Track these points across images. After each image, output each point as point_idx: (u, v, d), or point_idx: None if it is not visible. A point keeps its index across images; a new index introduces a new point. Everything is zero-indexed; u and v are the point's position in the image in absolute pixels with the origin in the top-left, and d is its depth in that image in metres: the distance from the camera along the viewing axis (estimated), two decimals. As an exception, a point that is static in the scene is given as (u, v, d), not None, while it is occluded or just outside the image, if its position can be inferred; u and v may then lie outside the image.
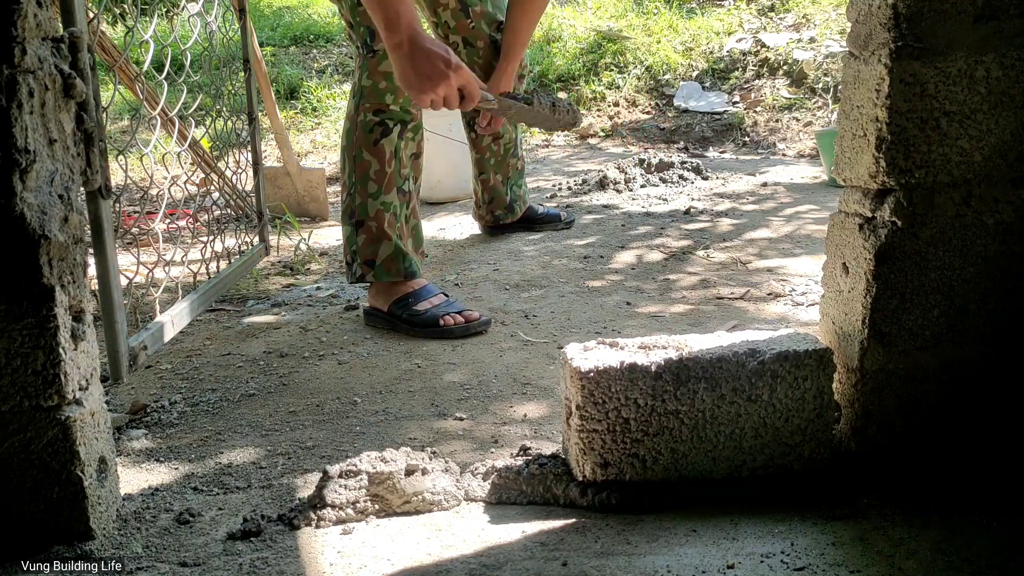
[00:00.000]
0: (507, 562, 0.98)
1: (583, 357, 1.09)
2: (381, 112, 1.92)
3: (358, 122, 1.92)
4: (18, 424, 0.97)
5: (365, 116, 1.92)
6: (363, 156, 1.92)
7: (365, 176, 1.91)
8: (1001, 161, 1.06)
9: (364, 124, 1.92)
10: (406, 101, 1.91)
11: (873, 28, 1.05)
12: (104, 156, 1.30)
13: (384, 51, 1.79)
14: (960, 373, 1.11)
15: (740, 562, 0.96)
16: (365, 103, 1.91)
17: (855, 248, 1.11)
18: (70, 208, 1.00)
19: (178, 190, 3.65)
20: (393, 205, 1.94)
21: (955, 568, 0.93)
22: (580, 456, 1.09)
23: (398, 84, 1.60)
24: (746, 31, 5.50)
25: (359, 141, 1.92)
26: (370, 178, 1.91)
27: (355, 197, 1.93)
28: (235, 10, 2.51)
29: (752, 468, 1.10)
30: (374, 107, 1.91)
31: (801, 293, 2.15)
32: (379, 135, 1.92)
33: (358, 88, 1.94)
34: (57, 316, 0.96)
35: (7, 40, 0.89)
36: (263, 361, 1.83)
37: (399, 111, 1.92)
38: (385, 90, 1.90)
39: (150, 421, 1.52)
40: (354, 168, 1.92)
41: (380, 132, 1.92)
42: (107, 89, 2.61)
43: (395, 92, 1.89)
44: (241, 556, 1.02)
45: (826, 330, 1.19)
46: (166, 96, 1.97)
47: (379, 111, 1.92)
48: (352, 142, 1.94)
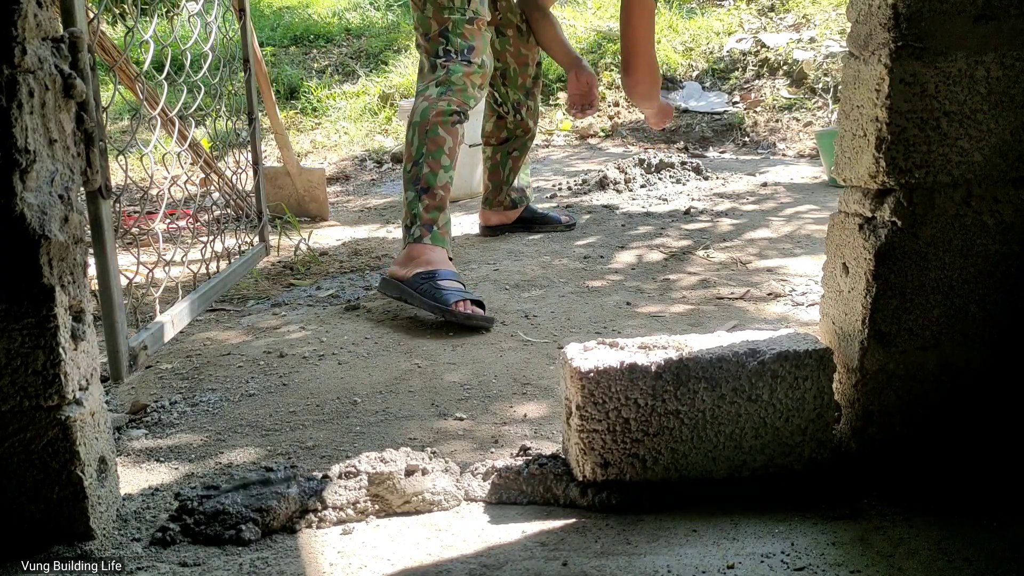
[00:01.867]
0: (507, 562, 0.98)
1: (583, 357, 1.09)
2: (463, 106, 2.13)
3: (439, 105, 2.09)
4: (18, 424, 0.97)
5: (448, 105, 2.09)
6: (439, 132, 2.08)
7: (440, 150, 2.07)
8: (1001, 161, 1.06)
9: (445, 111, 2.09)
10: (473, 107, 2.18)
11: (873, 28, 1.05)
12: (104, 156, 1.30)
13: (478, 69, 2.16)
14: (960, 373, 1.11)
15: (740, 562, 0.96)
16: (452, 96, 2.10)
17: (855, 248, 1.11)
18: (70, 208, 1.00)
19: (178, 190, 3.65)
20: (452, 182, 2.13)
21: (955, 568, 0.93)
22: (580, 456, 1.09)
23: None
24: (746, 31, 5.50)
25: (437, 119, 2.08)
26: (444, 152, 2.08)
27: (423, 167, 2.06)
28: (235, 10, 2.51)
29: (752, 468, 1.10)
30: (458, 103, 2.11)
31: (801, 293, 2.15)
32: (457, 120, 2.12)
33: (447, 81, 2.11)
34: (57, 316, 0.96)
35: (7, 40, 0.89)
36: (263, 361, 1.83)
37: (469, 112, 2.15)
38: (471, 96, 2.15)
39: (150, 421, 1.52)
40: (427, 141, 2.07)
41: (458, 118, 2.12)
42: (107, 89, 2.61)
43: (476, 100, 2.17)
44: (241, 556, 1.02)
45: (826, 330, 1.19)
46: (166, 96, 1.97)
47: (461, 108, 2.13)
48: (428, 119, 2.08)
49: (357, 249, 3.14)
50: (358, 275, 2.70)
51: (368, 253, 3.07)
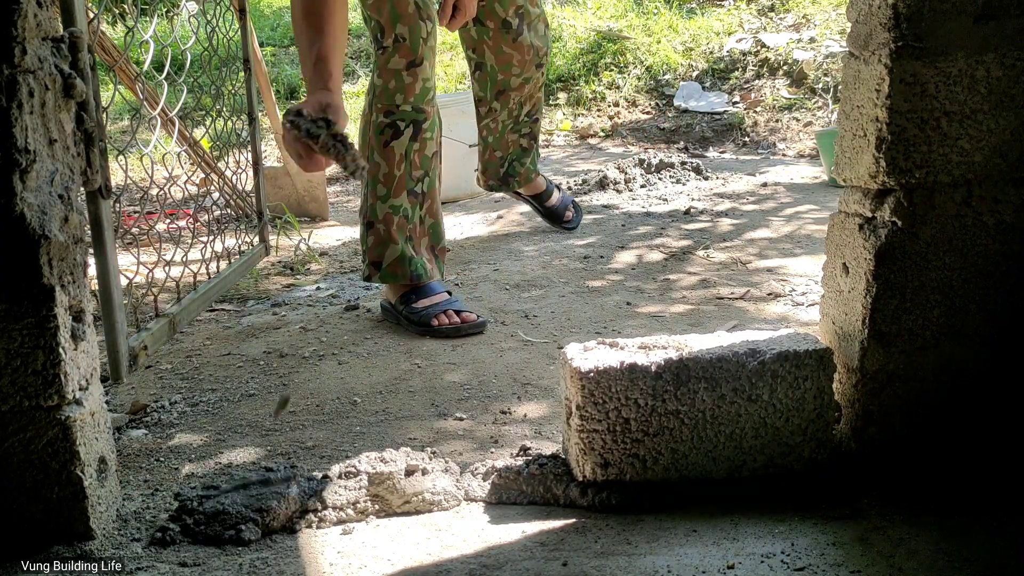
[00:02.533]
0: (507, 562, 0.98)
1: (583, 357, 1.09)
2: (391, 113, 1.87)
3: (370, 122, 1.89)
4: (18, 424, 0.97)
5: (376, 117, 1.88)
6: (373, 158, 1.88)
7: (375, 179, 1.89)
8: (1001, 161, 1.06)
9: (375, 126, 1.88)
10: (418, 99, 1.86)
11: (873, 28, 1.05)
12: (104, 156, 1.30)
13: (392, 47, 1.80)
14: (960, 373, 1.11)
15: (740, 562, 0.96)
16: (377, 103, 1.88)
17: (855, 248, 1.11)
18: (70, 208, 1.00)
19: (178, 190, 3.65)
20: (403, 208, 1.91)
21: (955, 568, 0.93)
22: (580, 456, 1.09)
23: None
24: (746, 31, 5.50)
25: (371, 143, 1.89)
26: (379, 181, 1.89)
27: (367, 198, 1.93)
28: (235, 10, 2.51)
29: (752, 468, 1.10)
30: (384, 108, 1.87)
31: (801, 293, 2.15)
32: (389, 137, 1.87)
33: (371, 87, 1.91)
34: (57, 316, 0.95)
35: (7, 40, 0.89)
36: (263, 361, 1.83)
37: (410, 111, 1.87)
38: (395, 90, 1.85)
39: (150, 421, 1.52)
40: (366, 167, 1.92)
41: (391, 134, 1.87)
42: (107, 89, 2.61)
43: (404, 91, 1.84)
44: (241, 556, 1.02)
45: (826, 330, 1.19)
46: (166, 96, 1.97)
47: (389, 112, 1.87)
48: (365, 142, 1.91)
49: (357, 249, 3.13)
50: (358, 275, 2.70)
51: (368, 253, 3.07)
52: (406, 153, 1.88)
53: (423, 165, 1.91)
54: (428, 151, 1.93)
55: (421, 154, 1.90)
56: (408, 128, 1.88)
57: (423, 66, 1.85)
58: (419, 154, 1.90)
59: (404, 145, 1.87)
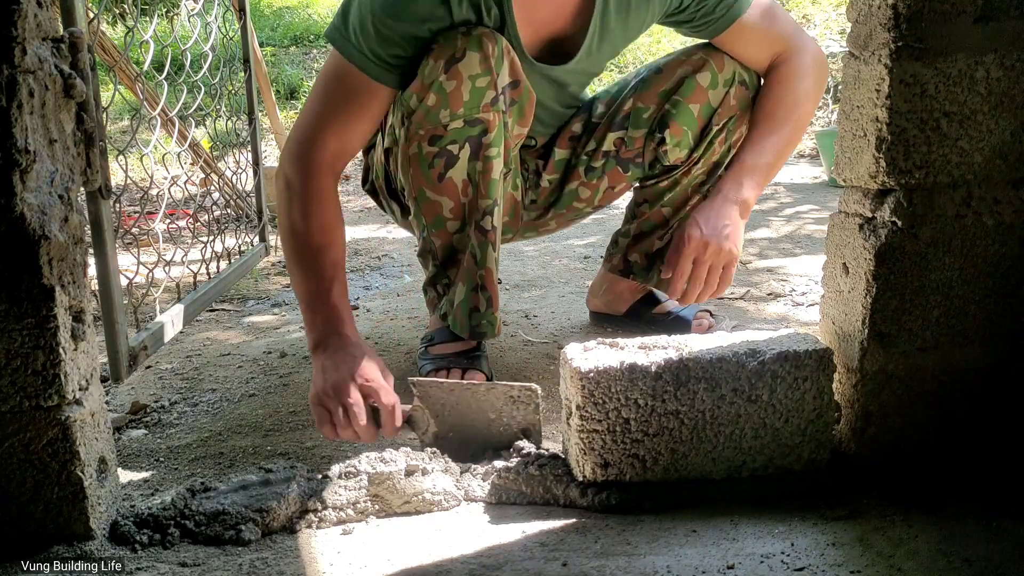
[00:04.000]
0: (507, 562, 0.98)
1: (583, 357, 1.09)
2: (438, 139, 1.43)
3: (410, 156, 1.46)
4: (18, 424, 0.97)
5: (420, 147, 1.44)
6: (425, 198, 1.49)
7: (438, 219, 1.50)
8: (1001, 162, 1.06)
9: (420, 159, 1.45)
10: (469, 107, 1.40)
11: (873, 28, 1.05)
12: (104, 156, 1.30)
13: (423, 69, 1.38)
14: (960, 374, 1.11)
15: (740, 562, 0.96)
16: (417, 130, 1.43)
17: (855, 248, 1.11)
18: (70, 208, 1.00)
19: (178, 190, 3.65)
20: (471, 246, 1.50)
21: (955, 568, 0.93)
22: (580, 456, 1.09)
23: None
24: (746, 31, 5.49)
25: (417, 183, 1.48)
26: (446, 219, 1.50)
27: (429, 241, 1.54)
28: (235, 10, 2.51)
29: (752, 469, 1.10)
30: (428, 134, 1.42)
31: (801, 293, 2.15)
32: (443, 168, 1.45)
33: (400, 111, 1.44)
34: (57, 316, 0.96)
35: (7, 40, 0.89)
36: (263, 361, 1.83)
37: (463, 126, 1.41)
38: (436, 106, 1.39)
39: (150, 421, 1.52)
40: (421, 212, 1.51)
41: (443, 164, 1.45)
42: (107, 89, 2.62)
43: (450, 103, 1.39)
44: (241, 556, 1.02)
45: (826, 330, 1.19)
46: (166, 96, 1.97)
47: (435, 138, 1.43)
48: (409, 183, 1.50)
49: (357, 249, 3.14)
50: (358, 275, 2.70)
51: (368, 253, 3.07)
52: (470, 178, 1.47)
53: (491, 192, 1.48)
54: (495, 172, 1.47)
55: (487, 178, 1.46)
56: (464, 148, 1.44)
57: (467, 59, 1.36)
58: (483, 177, 1.46)
59: (465, 169, 1.45)
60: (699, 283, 1.52)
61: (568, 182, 1.74)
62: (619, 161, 1.69)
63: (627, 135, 1.66)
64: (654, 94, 1.63)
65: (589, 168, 1.71)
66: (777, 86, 1.58)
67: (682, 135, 1.61)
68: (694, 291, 1.52)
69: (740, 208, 1.52)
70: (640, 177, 1.72)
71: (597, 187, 1.73)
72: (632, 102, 1.65)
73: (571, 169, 1.73)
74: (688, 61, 1.60)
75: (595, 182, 1.72)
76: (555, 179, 1.75)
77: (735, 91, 1.58)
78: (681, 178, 1.69)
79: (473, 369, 1.55)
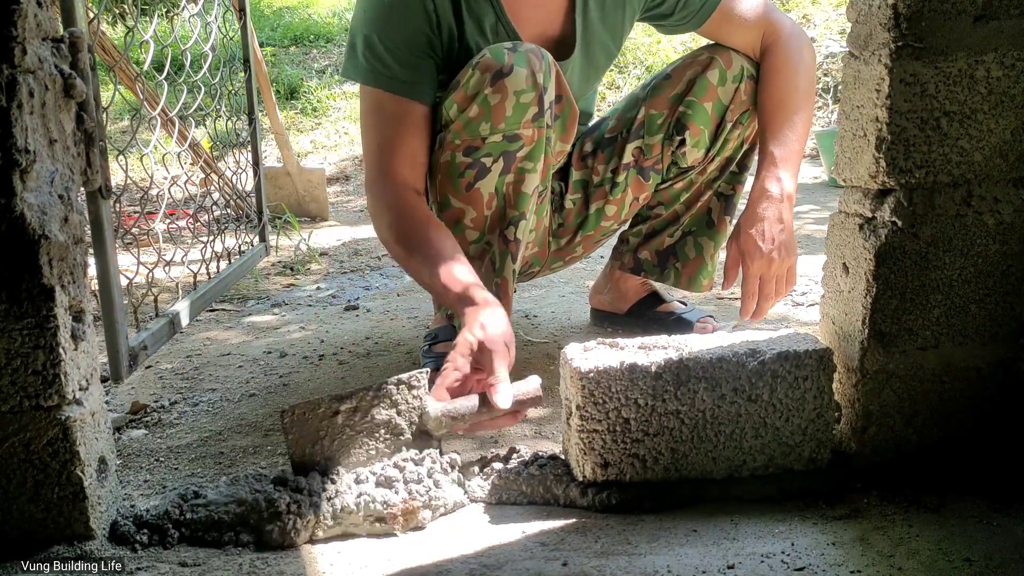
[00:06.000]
0: (507, 562, 0.98)
1: (583, 357, 1.09)
2: (474, 150, 1.42)
3: (441, 163, 1.45)
4: (18, 424, 0.97)
5: (453, 156, 1.43)
6: (450, 205, 1.47)
7: (459, 225, 1.47)
8: (1001, 161, 1.06)
9: (452, 167, 1.44)
10: (511, 123, 1.39)
11: (873, 28, 1.05)
12: (104, 156, 1.30)
13: (468, 80, 1.38)
14: (960, 373, 1.11)
15: (740, 562, 0.96)
16: (454, 139, 1.42)
17: (855, 248, 1.11)
18: (70, 208, 1.00)
19: (178, 190, 3.65)
20: (493, 251, 1.48)
21: (955, 568, 0.93)
22: (580, 456, 1.09)
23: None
24: (746, 31, 5.49)
25: (444, 188, 1.46)
26: (466, 227, 1.47)
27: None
28: (235, 10, 2.51)
29: (752, 468, 1.10)
30: (465, 144, 1.41)
31: (801, 293, 2.15)
32: (472, 179, 1.43)
33: (444, 120, 1.44)
34: (57, 316, 0.96)
35: (7, 40, 0.89)
36: (263, 361, 1.83)
37: (500, 140, 1.40)
38: (479, 118, 1.39)
39: (150, 421, 1.52)
40: (443, 215, 1.49)
41: (474, 175, 1.43)
42: (107, 89, 2.62)
43: (492, 117, 1.38)
44: (241, 556, 1.02)
45: (826, 330, 1.19)
46: (166, 96, 1.97)
47: (471, 149, 1.42)
48: (435, 187, 1.49)
49: (357, 249, 3.14)
50: (358, 275, 2.70)
51: (368, 253, 3.07)
52: (496, 190, 1.45)
53: (520, 204, 1.46)
54: (527, 186, 1.46)
55: (518, 190, 1.45)
56: (498, 162, 1.43)
57: (514, 75, 1.36)
58: (514, 188, 1.45)
59: (494, 183, 1.44)
60: (770, 299, 1.52)
61: (592, 201, 1.74)
62: (640, 170, 1.69)
63: (644, 143, 1.66)
64: (665, 99, 1.64)
65: (613, 184, 1.71)
66: (778, 73, 1.57)
67: (700, 135, 1.62)
68: (765, 308, 1.53)
69: (787, 204, 1.52)
70: (658, 183, 1.73)
71: (622, 201, 1.73)
72: (644, 110, 1.66)
73: (594, 189, 1.73)
74: (695, 62, 1.61)
75: (619, 196, 1.72)
76: (577, 199, 1.75)
77: (744, 86, 1.59)
78: (696, 177, 1.71)
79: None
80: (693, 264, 1.77)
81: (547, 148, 1.47)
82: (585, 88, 1.68)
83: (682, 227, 1.76)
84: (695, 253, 1.76)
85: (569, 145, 1.57)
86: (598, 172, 1.72)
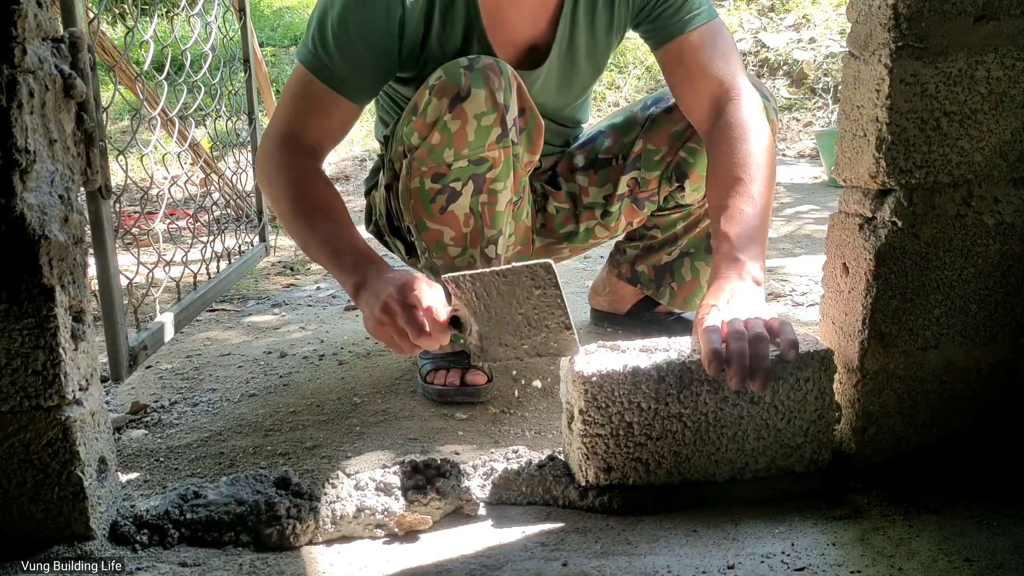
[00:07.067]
0: (507, 562, 0.98)
1: (585, 361, 1.09)
2: (442, 176, 1.40)
3: (411, 189, 1.43)
4: (18, 424, 0.97)
5: (422, 183, 1.42)
6: (425, 228, 1.45)
7: (439, 244, 1.46)
8: (1001, 161, 1.06)
9: (422, 193, 1.42)
10: (475, 147, 1.38)
11: (873, 28, 1.05)
12: (104, 156, 1.30)
13: (426, 106, 1.36)
14: (961, 373, 1.11)
15: (740, 562, 0.96)
16: (420, 166, 1.40)
17: (855, 248, 1.11)
18: (70, 208, 1.00)
19: (178, 190, 3.65)
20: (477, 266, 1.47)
21: (955, 568, 0.93)
22: (583, 460, 1.09)
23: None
24: (746, 31, 5.50)
25: (417, 212, 1.45)
26: (446, 244, 1.46)
27: (431, 263, 1.50)
28: (235, 10, 2.51)
29: (754, 470, 1.10)
30: (432, 171, 1.40)
31: (801, 293, 2.15)
32: (445, 202, 1.42)
33: (406, 146, 1.43)
34: (57, 316, 0.95)
35: (7, 40, 0.89)
36: (263, 361, 1.83)
37: (467, 165, 1.39)
38: (441, 145, 1.37)
39: (150, 421, 1.52)
40: (421, 237, 1.47)
41: (446, 199, 1.42)
42: (107, 89, 2.63)
43: (455, 143, 1.36)
44: (241, 556, 1.02)
45: (826, 330, 1.19)
46: (166, 96, 1.97)
47: (439, 176, 1.40)
48: (409, 212, 1.47)
49: (357, 249, 3.13)
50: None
51: (368, 253, 3.07)
52: (472, 209, 1.43)
53: (496, 223, 1.46)
54: (500, 205, 1.45)
55: (492, 209, 1.44)
56: (468, 185, 1.41)
57: (472, 98, 1.33)
58: (488, 209, 1.44)
59: (468, 203, 1.43)
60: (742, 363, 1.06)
61: (582, 220, 1.73)
62: (634, 200, 1.68)
63: (640, 176, 1.64)
64: (665, 135, 1.61)
65: (606, 212, 1.69)
66: (730, 141, 1.35)
67: (701, 181, 1.58)
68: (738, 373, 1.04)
69: (751, 286, 1.18)
70: (654, 211, 1.71)
71: (615, 228, 1.73)
72: (642, 143, 1.63)
73: (584, 209, 1.72)
74: None
75: (612, 224, 1.71)
76: (565, 209, 1.73)
77: None
78: (696, 210, 1.69)
79: (473, 369, 1.55)
80: (688, 286, 1.75)
81: (516, 164, 1.45)
82: (566, 95, 1.61)
83: (680, 247, 1.74)
84: (691, 276, 1.75)
85: (537, 156, 1.51)
86: (588, 193, 1.70)
